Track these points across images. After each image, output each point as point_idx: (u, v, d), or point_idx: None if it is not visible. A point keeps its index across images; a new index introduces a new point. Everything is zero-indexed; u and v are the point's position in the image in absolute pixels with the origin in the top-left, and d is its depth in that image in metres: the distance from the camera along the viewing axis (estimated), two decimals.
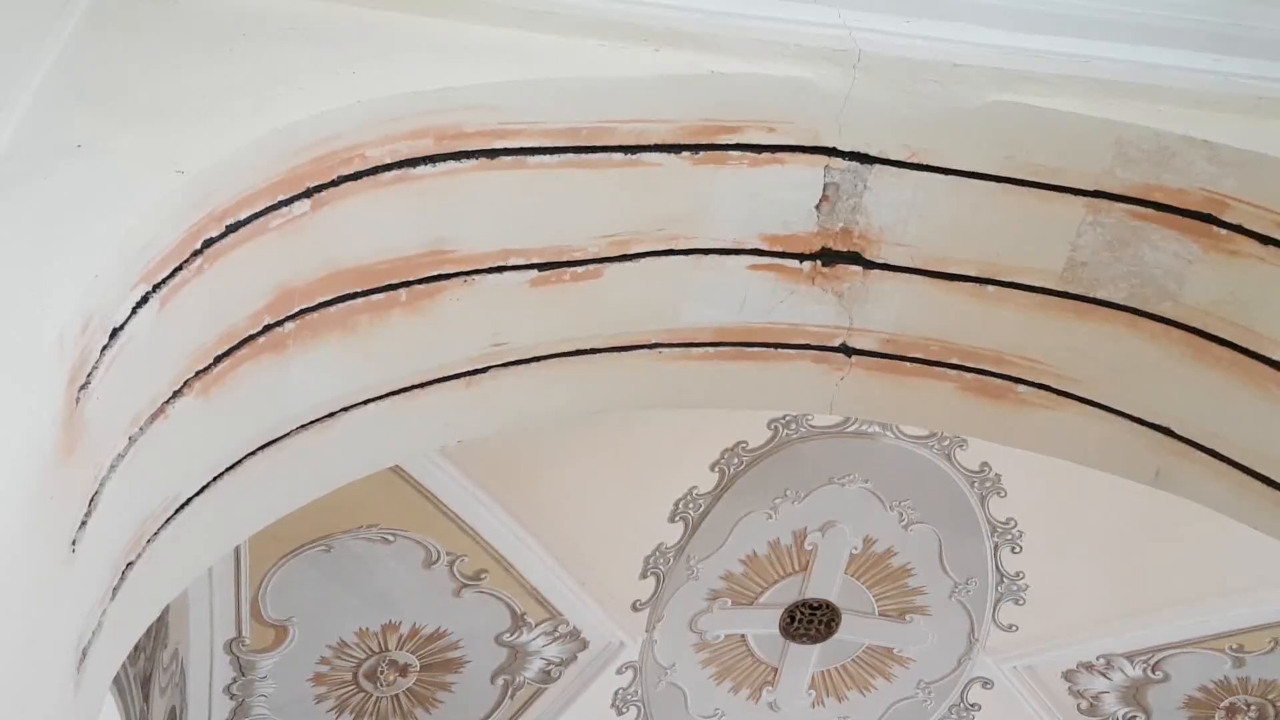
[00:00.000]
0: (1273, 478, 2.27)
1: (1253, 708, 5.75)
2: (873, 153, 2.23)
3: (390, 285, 2.21)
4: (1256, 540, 2.46)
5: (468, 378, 2.41)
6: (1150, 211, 2.17)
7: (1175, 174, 2.11)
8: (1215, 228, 2.14)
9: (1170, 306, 2.25)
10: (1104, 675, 5.75)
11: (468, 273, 2.27)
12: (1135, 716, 5.87)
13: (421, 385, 2.36)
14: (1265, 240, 2.11)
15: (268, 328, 2.07)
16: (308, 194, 2.01)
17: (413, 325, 2.26)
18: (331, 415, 2.29)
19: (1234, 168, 2.07)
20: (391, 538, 4.99)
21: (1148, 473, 2.40)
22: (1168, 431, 2.35)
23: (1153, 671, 5.70)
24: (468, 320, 2.32)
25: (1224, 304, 2.20)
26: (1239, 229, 2.12)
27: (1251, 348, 2.21)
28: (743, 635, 5.82)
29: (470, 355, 2.39)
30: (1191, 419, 2.32)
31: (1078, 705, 5.87)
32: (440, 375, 2.38)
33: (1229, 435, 2.29)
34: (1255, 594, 5.26)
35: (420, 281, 2.24)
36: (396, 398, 2.35)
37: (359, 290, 2.18)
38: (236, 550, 4.66)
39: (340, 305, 2.18)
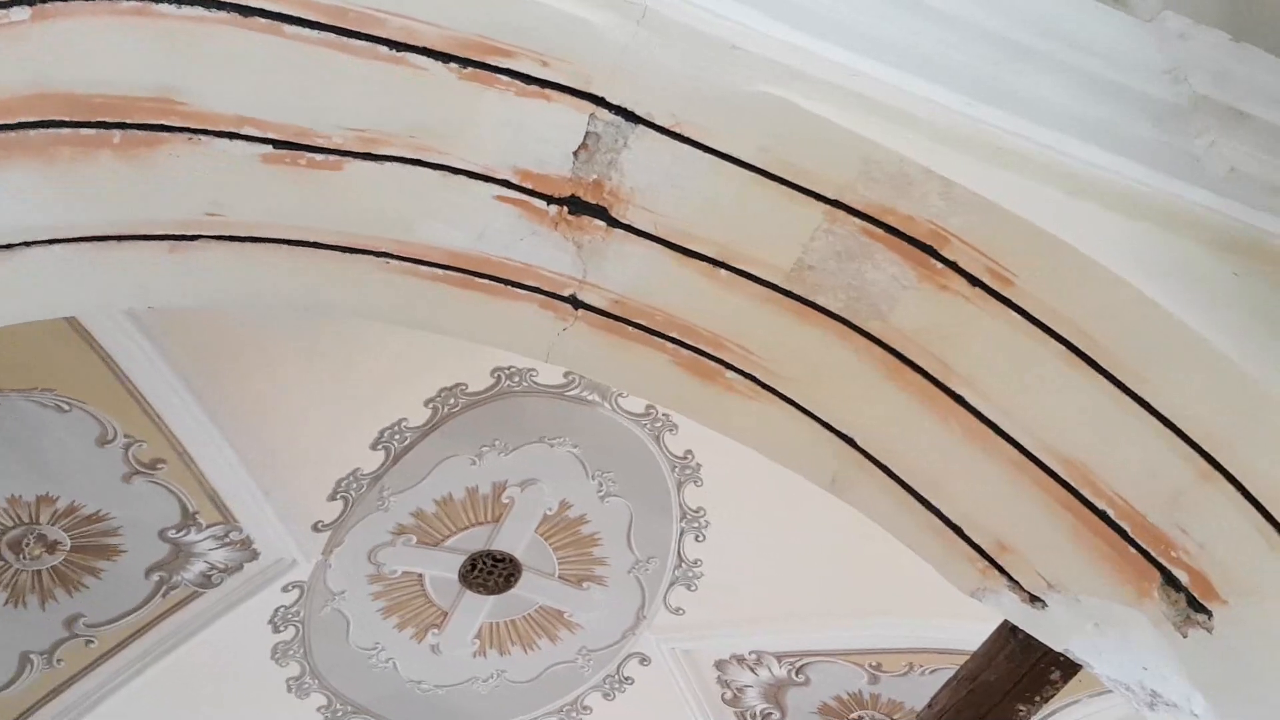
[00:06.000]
0: (932, 501, 2.41)
1: None
2: (639, 112, 2.21)
3: (104, 123, 2.02)
4: (917, 568, 2.60)
5: (174, 241, 2.24)
6: (880, 232, 2.25)
7: (910, 201, 2.20)
8: (933, 260, 2.24)
9: (878, 325, 2.34)
10: (752, 670, 6.05)
11: (196, 130, 2.10)
12: (772, 714, 6.21)
13: (119, 238, 2.18)
14: (974, 282, 2.23)
15: None
16: (30, 1, 1.81)
17: (122, 172, 2.08)
18: (9, 247, 2.07)
19: (961, 207, 2.16)
20: (67, 407, 4.64)
21: (825, 477, 2.51)
22: (851, 441, 2.46)
23: (796, 674, 6.04)
24: (186, 181, 2.15)
25: (925, 333, 2.31)
26: (953, 266, 2.23)
27: (940, 379, 2.33)
28: (420, 574, 5.78)
29: (181, 219, 2.22)
30: (874, 433, 2.44)
31: (722, 694, 6.15)
32: (143, 232, 2.20)
33: (904, 455, 2.42)
34: (900, 618, 5.66)
35: (140, 127, 2.05)
36: (89, 245, 2.16)
37: (67, 120, 1.98)
38: None
39: (42, 131, 1.97)
